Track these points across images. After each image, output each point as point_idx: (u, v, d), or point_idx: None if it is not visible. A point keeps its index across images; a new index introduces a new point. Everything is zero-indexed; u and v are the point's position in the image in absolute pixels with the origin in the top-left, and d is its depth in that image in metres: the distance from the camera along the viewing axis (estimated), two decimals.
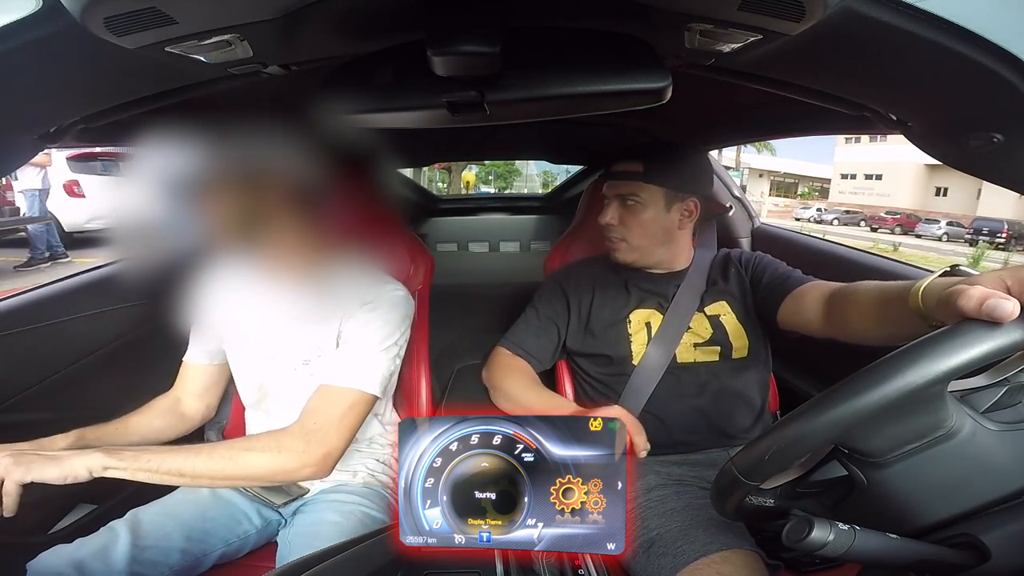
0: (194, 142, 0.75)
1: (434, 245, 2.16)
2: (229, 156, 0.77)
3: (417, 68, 0.57)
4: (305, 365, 0.89)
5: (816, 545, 0.43)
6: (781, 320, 0.96)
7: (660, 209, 1.02)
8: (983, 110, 0.53)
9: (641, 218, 1.02)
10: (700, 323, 1.02)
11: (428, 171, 10.79)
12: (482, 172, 16.77)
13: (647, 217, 1.02)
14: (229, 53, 0.52)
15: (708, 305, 1.04)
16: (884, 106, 0.64)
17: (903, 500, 0.46)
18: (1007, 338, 0.38)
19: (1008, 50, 0.44)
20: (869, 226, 23.35)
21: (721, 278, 1.07)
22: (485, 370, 1.14)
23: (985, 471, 0.45)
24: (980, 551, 0.43)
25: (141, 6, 0.42)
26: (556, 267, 1.24)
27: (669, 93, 0.60)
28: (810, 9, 0.43)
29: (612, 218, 1.04)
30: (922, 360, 0.39)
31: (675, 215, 1.04)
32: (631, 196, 1.02)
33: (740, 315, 1.02)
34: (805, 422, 0.43)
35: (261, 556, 0.94)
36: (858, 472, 0.47)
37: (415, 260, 1.23)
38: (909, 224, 22.00)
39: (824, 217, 24.83)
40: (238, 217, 0.79)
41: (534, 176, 16.83)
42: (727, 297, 1.04)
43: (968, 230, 19.74)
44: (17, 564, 0.77)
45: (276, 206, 0.81)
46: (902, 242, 17.37)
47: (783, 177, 38.29)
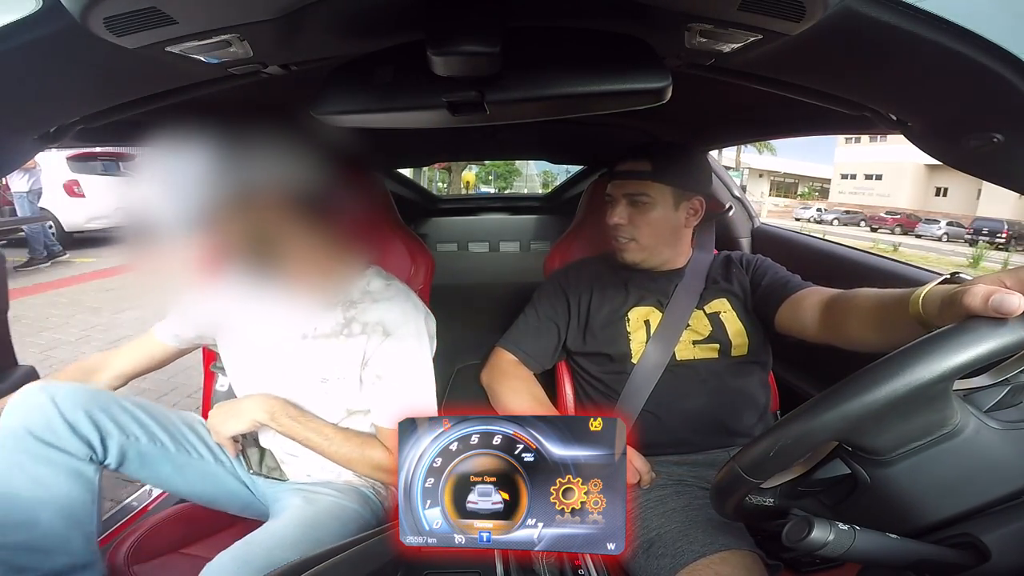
0: (194, 168, 0.74)
1: (434, 245, 2.15)
2: (234, 180, 0.77)
3: (417, 68, 0.57)
4: (324, 383, 0.91)
5: (816, 545, 0.43)
6: (778, 324, 0.96)
7: (669, 208, 1.02)
8: (983, 110, 0.53)
9: (650, 217, 1.02)
10: (699, 320, 1.02)
11: (428, 171, 10.78)
12: (482, 172, 16.76)
13: (656, 216, 1.02)
14: (229, 53, 0.52)
15: (708, 303, 1.04)
16: (884, 106, 0.64)
17: (906, 498, 0.46)
18: (1013, 335, 0.38)
19: (1008, 50, 0.44)
20: (869, 226, 23.38)
21: (722, 277, 1.07)
22: (484, 372, 1.14)
23: (988, 470, 0.45)
24: (980, 551, 0.43)
25: (141, 6, 0.42)
26: (556, 267, 1.24)
27: (669, 93, 0.60)
28: (810, 9, 0.43)
29: (621, 218, 1.03)
30: (931, 356, 0.39)
31: (682, 214, 1.04)
32: (641, 195, 1.01)
33: (740, 313, 1.02)
34: (812, 417, 0.43)
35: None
36: (861, 470, 0.47)
37: (415, 260, 1.23)
38: (909, 224, 22.03)
39: (824, 217, 24.90)
40: (249, 238, 0.80)
41: (534, 176, 16.83)
42: (727, 295, 1.05)
43: (968, 230, 19.77)
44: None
45: (286, 222, 0.82)
46: (902, 242, 17.40)
47: (783, 177, 38.32)
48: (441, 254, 2.13)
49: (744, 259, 1.10)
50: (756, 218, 1.65)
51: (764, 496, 0.53)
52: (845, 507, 0.49)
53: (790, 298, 0.94)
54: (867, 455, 0.46)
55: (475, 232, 2.23)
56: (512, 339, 1.12)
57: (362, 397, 0.92)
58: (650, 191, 1.01)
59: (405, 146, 1.69)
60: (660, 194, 1.01)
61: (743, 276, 1.07)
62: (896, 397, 0.40)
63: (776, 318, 0.96)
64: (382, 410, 0.91)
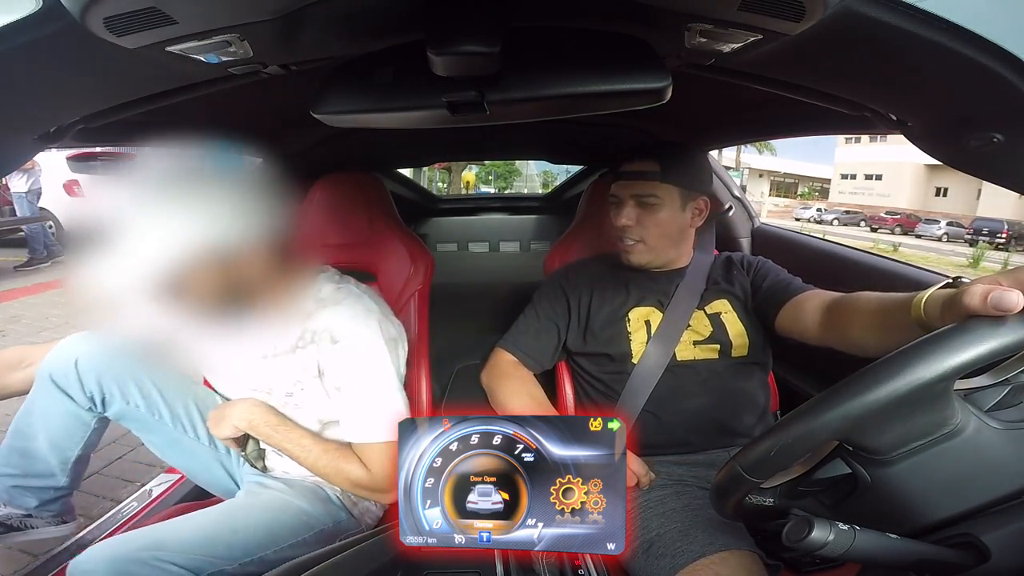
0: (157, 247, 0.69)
1: (434, 245, 2.15)
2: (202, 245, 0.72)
3: (417, 68, 0.57)
4: (289, 397, 0.92)
5: (816, 545, 0.43)
6: (779, 326, 0.96)
7: (676, 208, 1.02)
8: (983, 110, 0.53)
9: (659, 218, 1.01)
10: (700, 321, 1.02)
11: (428, 171, 10.70)
12: (482, 172, 16.72)
13: (664, 217, 1.02)
14: (229, 53, 0.52)
15: (709, 303, 1.04)
16: (884, 106, 0.64)
17: (907, 498, 0.46)
18: (1013, 335, 0.38)
19: (1008, 50, 0.44)
20: (869, 226, 23.31)
21: (723, 278, 1.07)
22: (483, 372, 1.13)
23: (989, 469, 0.45)
24: (980, 551, 0.43)
25: (141, 6, 0.42)
26: (556, 267, 1.24)
27: (669, 93, 0.60)
28: (810, 9, 0.43)
29: (629, 219, 1.02)
30: (931, 355, 0.39)
31: (688, 214, 1.04)
32: (649, 196, 1.00)
33: (741, 314, 1.02)
34: (814, 416, 0.43)
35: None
36: (862, 470, 0.47)
37: (415, 260, 1.22)
38: (909, 224, 21.98)
39: (824, 217, 24.81)
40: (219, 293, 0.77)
41: (534, 176, 16.81)
42: (728, 296, 1.04)
43: (968, 230, 19.72)
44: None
45: (255, 270, 0.79)
46: (902, 242, 17.33)
47: (783, 177, 38.26)
48: (441, 254, 2.13)
49: (745, 260, 1.10)
50: (756, 218, 1.65)
51: (764, 496, 0.53)
52: (846, 506, 0.49)
53: (791, 301, 0.94)
54: (868, 455, 0.46)
55: (475, 232, 2.23)
56: (512, 340, 1.11)
57: (332, 408, 0.91)
58: (659, 192, 1.00)
59: (405, 146, 1.69)
60: (668, 195, 1.01)
61: (744, 278, 1.06)
62: (897, 396, 0.40)
63: (777, 320, 0.96)
64: (347, 424, 0.89)
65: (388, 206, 1.28)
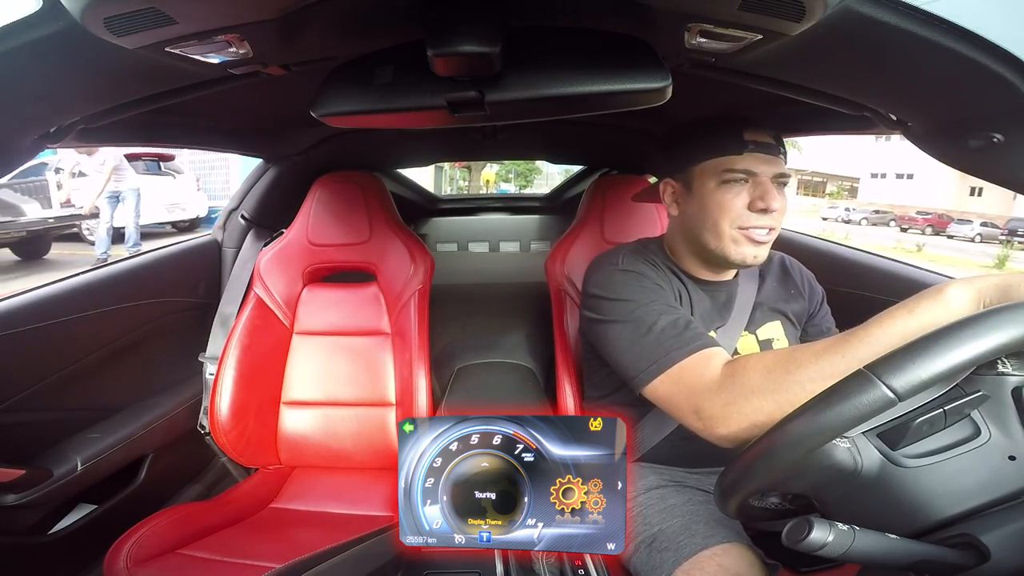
0: None
1: (434, 245, 2.15)
2: None
3: (417, 68, 0.57)
4: None
5: (816, 545, 0.42)
6: None
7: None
8: (983, 110, 0.53)
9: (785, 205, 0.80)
10: (748, 347, 0.85)
11: (449, 169, 10.51)
12: (502, 170, 16.49)
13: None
14: (229, 53, 0.52)
15: (760, 325, 0.87)
16: (884, 106, 0.64)
17: (908, 499, 0.46)
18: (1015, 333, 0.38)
19: (1008, 50, 0.44)
20: (899, 226, 21.84)
21: (778, 293, 0.91)
22: (715, 396, 0.63)
23: (992, 472, 0.45)
24: (980, 551, 0.43)
25: (141, 6, 0.42)
26: (557, 267, 1.22)
27: (669, 93, 0.60)
28: (810, 9, 0.43)
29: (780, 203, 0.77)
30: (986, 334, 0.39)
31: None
32: (784, 176, 0.80)
33: (792, 342, 0.88)
34: (816, 414, 0.43)
35: None
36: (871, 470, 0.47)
37: (415, 260, 1.23)
38: (941, 224, 20.65)
39: (852, 217, 23.28)
40: None
41: (555, 174, 16.62)
42: (782, 318, 0.89)
43: (1003, 231, 18.44)
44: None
45: None
46: (927, 243, 16.29)
47: (811, 176, 37.59)
48: (441, 254, 2.13)
49: (805, 277, 0.94)
50: None
51: (767, 496, 0.53)
52: (845, 507, 0.49)
53: None
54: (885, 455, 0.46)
55: (475, 232, 2.23)
56: (674, 346, 0.70)
57: None
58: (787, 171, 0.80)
59: (405, 146, 1.69)
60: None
61: (803, 300, 0.93)
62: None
63: None
64: None
65: (388, 206, 1.28)
